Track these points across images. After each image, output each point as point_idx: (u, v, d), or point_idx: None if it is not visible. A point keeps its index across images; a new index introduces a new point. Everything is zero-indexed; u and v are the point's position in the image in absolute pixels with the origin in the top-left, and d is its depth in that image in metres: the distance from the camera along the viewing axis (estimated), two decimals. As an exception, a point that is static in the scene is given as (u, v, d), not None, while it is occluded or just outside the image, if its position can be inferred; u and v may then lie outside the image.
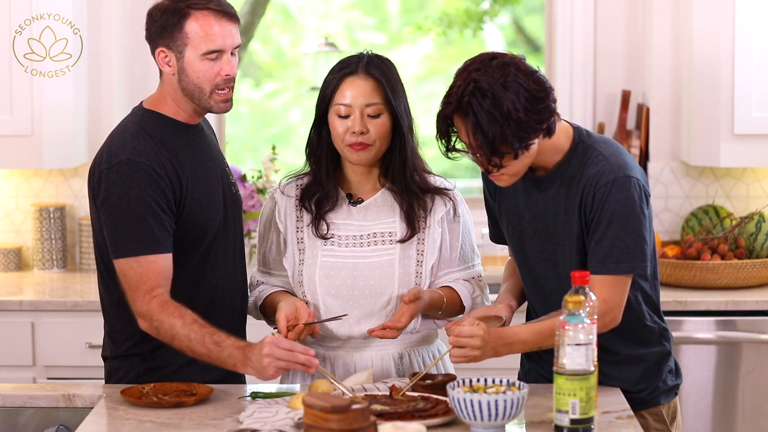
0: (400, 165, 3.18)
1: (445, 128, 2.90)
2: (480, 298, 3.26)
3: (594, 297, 2.72)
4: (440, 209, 3.22)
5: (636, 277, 3.00)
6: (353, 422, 2.45)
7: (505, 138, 2.82)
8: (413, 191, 3.19)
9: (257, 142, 7.06)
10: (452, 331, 2.92)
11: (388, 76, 3.15)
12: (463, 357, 2.90)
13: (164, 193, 3.07)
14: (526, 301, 3.21)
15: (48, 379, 4.51)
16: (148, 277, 3.02)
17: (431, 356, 3.25)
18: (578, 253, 3.00)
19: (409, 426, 2.53)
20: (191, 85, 3.11)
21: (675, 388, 3.16)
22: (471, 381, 2.80)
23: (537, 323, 2.99)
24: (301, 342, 3.12)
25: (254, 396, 3.00)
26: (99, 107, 5.04)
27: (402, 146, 3.17)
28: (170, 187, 3.08)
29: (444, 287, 3.22)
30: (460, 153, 2.93)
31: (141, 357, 3.18)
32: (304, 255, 3.20)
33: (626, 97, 5.01)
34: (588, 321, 2.65)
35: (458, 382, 2.79)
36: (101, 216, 3.09)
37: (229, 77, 3.11)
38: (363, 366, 3.18)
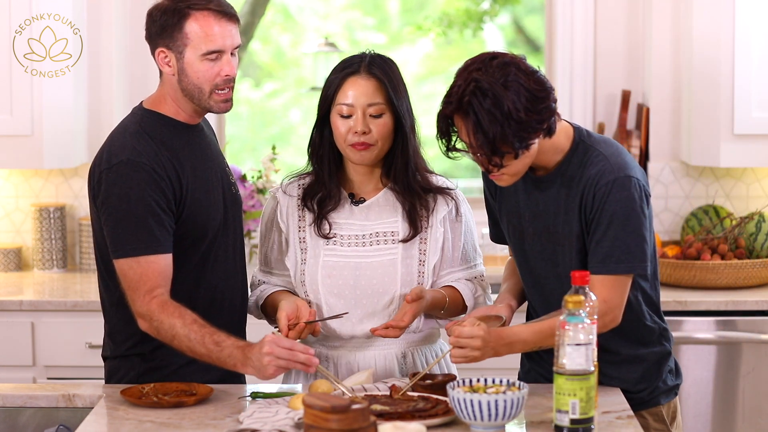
0: (402, 165, 3.18)
1: (445, 128, 2.90)
2: (482, 298, 3.26)
3: (594, 297, 2.72)
4: (442, 209, 3.22)
5: (636, 277, 3.00)
6: (353, 422, 2.45)
7: (506, 138, 2.82)
8: (415, 191, 3.19)
9: (257, 142, 7.06)
10: (453, 331, 2.92)
11: (390, 75, 3.14)
12: (463, 357, 2.90)
13: (164, 193, 3.06)
14: (526, 301, 3.21)
15: (48, 379, 4.50)
16: (148, 277, 3.02)
17: (434, 355, 3.25)
18: (578, 253, 2.99)
19: (409, 426, 2.53)
20: (191, 86, 3.11)
21: (675, 388, 3.16)
22: (471, 381, 2.80)
23: (537, 323, 2.98)
24: (303, 341, 3.12)
25: (254, 396, 3.00)
26: (99, 107, 5.03)
27: (404, 146, 3.16)
28: (170, 187, 3.08)
29: (446, 287, 3.22)
30: (460, 153, 2.93)
31: (141, 357, 3.17)
32: (306, 254, 3.20)
33: (626, 97, 5.01)
34: (588, 321, 2.65)
35: (458, 382, 2.79)
36: (101, 216, 3.09)
37: (229, 77, 3.11)
38: (366, 365, 3.17)
